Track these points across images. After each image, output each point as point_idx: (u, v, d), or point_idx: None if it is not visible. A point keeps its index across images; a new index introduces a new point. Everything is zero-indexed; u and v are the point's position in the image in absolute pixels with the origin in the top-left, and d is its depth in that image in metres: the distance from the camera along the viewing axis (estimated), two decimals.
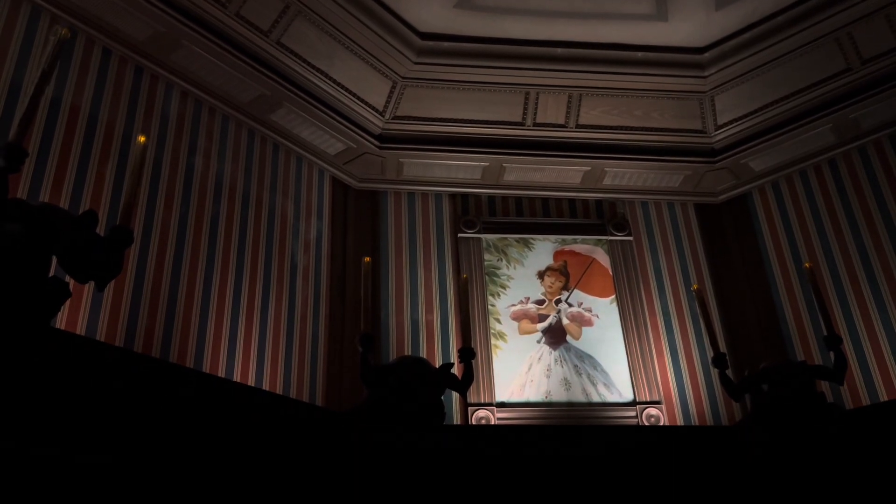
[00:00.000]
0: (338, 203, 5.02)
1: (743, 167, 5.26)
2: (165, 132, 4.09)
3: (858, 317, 4.69)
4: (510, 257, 5.07)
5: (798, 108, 4.94)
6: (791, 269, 5.06)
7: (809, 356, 4.76)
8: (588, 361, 4.79)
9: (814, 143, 5.03)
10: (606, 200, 5.40)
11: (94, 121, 3.74)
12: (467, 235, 5.06)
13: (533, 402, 4.58)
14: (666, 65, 4.97)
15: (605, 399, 4.67)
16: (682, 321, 5.08)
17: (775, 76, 4.90)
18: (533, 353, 4.78)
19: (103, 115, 3.80)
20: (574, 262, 5.12)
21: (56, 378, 2.77)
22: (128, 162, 3.75)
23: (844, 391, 4.55)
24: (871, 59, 4.65)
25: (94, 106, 3.78)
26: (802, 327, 4.89)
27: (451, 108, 4.99)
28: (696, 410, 4.78)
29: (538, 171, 5.21)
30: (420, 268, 4.98)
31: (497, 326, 4.83)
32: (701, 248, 5.37)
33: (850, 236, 4.87)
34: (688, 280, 5.21)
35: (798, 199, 5.15)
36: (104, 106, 3.83)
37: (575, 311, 4.95)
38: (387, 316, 4.77)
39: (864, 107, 4.75)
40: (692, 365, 4.94)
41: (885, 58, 4.60)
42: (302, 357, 4.35)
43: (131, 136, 3.86)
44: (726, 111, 5.12)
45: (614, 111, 5.12)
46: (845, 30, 4.60)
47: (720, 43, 4.87)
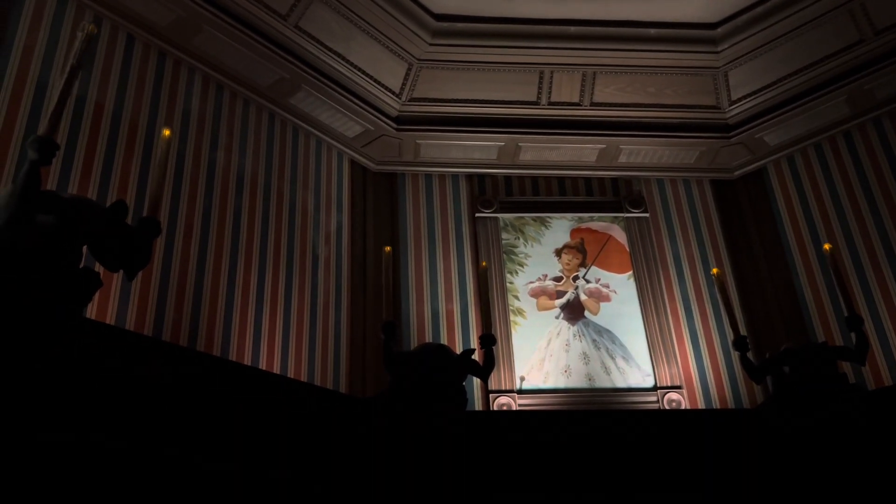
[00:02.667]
0: (357, 186, 5.10)
1: (758, 142, 5.28)
2: (188, 122, 4.17)
3: (879, 296, 4.68)
4: (527, 236, 5.14)
5: (812, 80, 4.95)
6: (810, 248, 5.04)
7: (830, 337, 4.74)
8: (606, 336, 4.85)
9: (828, 115, 5.03)
10: (622, 178, 5.44)
11: (118, 112, 3.84)
12: (485, 215, 5.13)
13: (554, 388, 4.62)
14: (679, 41, 5.00)
15: (624, 372, 4.73)
16: (702, 303, 5.10)
17: (788, 49, 4.91)
18: (552, 328, 4.84)
19: (128, 105, 3.90)
20: (591, 239, 5.18)
21: (88, 366, 2.87)
22: (153, 155, 3.87)
23: (867, 372, 4.53)
24: (884, 30, 4.66)
25: (119, 95, 3.88)
26: (823, 308, 4.87)
27: (467, 89, 5.06)
28: (717, 394, 4.80)
29: (554, 150, 5.27)
30: (439, 252, 5.03)
31: (516, 303, 4.90)
32: (718, 226, 5.38)
33: (868, 209, 4.86)
34: (705, 259, 5.23)
35: (813, 173, 5.16)
36: (129, 96, 3.93)
37: (592, 288, 5.01)
38: (407, 306, 4.83)
39: (878, 78, 4.76)
40: (712, 348, 4.96)
41: None
42: (325, 346, 4.43)
43: (155, 129, 3.95)
44: (740, 86, 5.15)
45: (628, 88, 5.16)
46: (857, 1, 4.61)
47: (733, 18, 4.90)
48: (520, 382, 4.63)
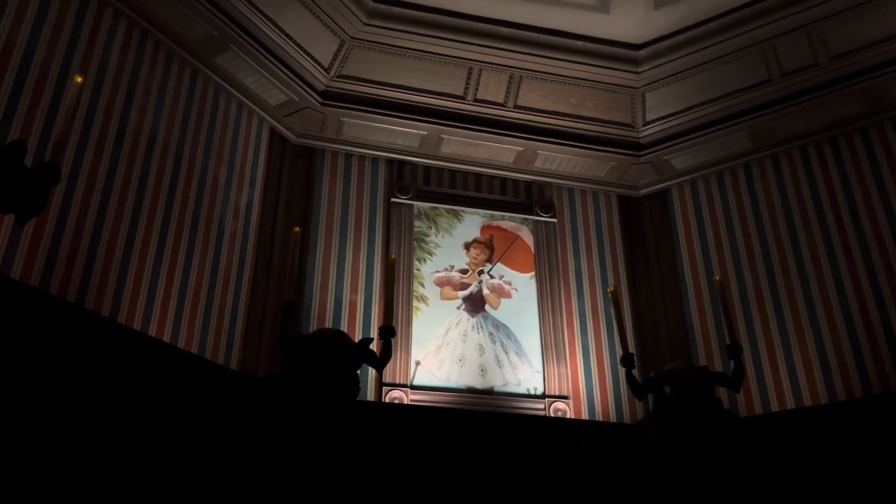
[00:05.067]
0: (274, 157, 5.03)
1: (665, 164, 5.55)
2: (105, 74, 3.97)
3: (759, 328, 4.96)
4: (440, 226, 5.23)
5: (721, 112, 5.25)
6: (701, 273, 5.31)
7: (711, 363, 4.99)
8: (503, 331, 4.99)
9: (732, 146, 5.34)
10: (536, 182, 5.60)
11: (30, 53, 3.60)
12: (400, 201, 5.19)
13: (447, 386, 4.70)
14: (604, 57, 5.21)
15: (516, 367, 4.88)
16: (596, 316, 5.28)
17: (703, 79, 5.20)
18: (452, 318, 4.94)
19: (42, 47, 3.66)
20: (500, 237, 5.32)
21: None
22: (62, 102, 3.64)
23: (740, 399, 4.79)
24: (790, 73, 4.99)
25: (34, 36, 3.63)
26: (707, 334, 5.13)
27: (396, 74, 5.10)
28: (601, 407, 4.98)
29: (474, 147, 5.38)
30: (350, 237, 5.02)
31: (420, 290, 4.97)
32: (620, 241, 5.61)
33: (758, 242, 5.16)
34: (605, 273, 5.44)
35: (712, 200, 5.46)
36: (44, 37, 3.67)
37: (496, 283, 5.14)
38: (311, 290, 4.80)
39: (780, 116, 5.09)
40: (601, 361, 5.13)
41: (802, 73, 4.95)
42: (221, 320, 4.35)
43: (68, 76, 3.73)
44: (655, 108, 5.41)
45: (551, 96, 5.33)
46: (769, 42, 4.94)
47: (655, 42, 5.15)
48: (415, 367, 4.70)
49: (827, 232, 4.93)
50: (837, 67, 4.86)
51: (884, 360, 4.45)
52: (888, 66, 4.73)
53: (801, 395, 4.65)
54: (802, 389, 4.66)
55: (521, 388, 4.83)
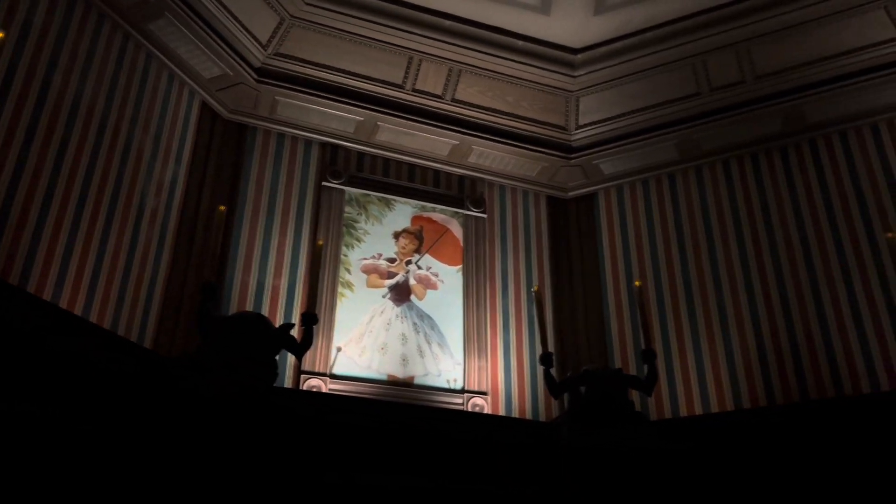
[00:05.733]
0: (203, 132, 4.88)
1: (594, 168, 5.67)
2: (28, 33, 3.77)
3: (673, 335, 5.10)
4: (370, 213, 5.20)
5: (650, 121, 5.40)
6: (622, 278, 5.44)
7: (626, 366, 5.11)
8: (427, 321, 5.00)
9: (658, 156, 5.50)
10: (469, 177, 5.64)
11: None
12: (331, 185, 5.13)
13: (366, 377, 4.67)
14: (542, 58, 5.29)
15: (437, 357, 4.90)
16: (519, 314, 5.34)
17: (635, 88, 5.34)
18: (377, 306, 4.92)
19: None
20: (429, 228, 5.33)
21: None
22: None
23: (651, 402, 4.92)
24: (718, 88, 5.18)
25: None
26: (624, 337, 5.25)
27: (336, 57, 5.05)
28: (518, 404, 5.04)
29: (410, 136, 5.37)
30: (277, 219, 4.93)
31: (346, 276, 4.93)
32: (547, 241, 5.69)
33: (677, 253, 5.31)
34: (530, 272, 5.51)
35: (637, 206, 5.60)
36: None
37: (423, 274, 5.15)
38: (233, 271, 4.69)
39: (706, 129, 5.28)
40: (521, 359, 5.20)
41: (729, 89, 5.15)
42: (136, 296, 4.20)
43: None
44: (588, 112, 5.52)
45: (489, 93, 5.38)
46: (701, 57, 5.12)
47: (593, 48, 5.26)
48: (336, 353, 4.66)
49: (743, 245, 5.11)
50: (762, 86, 5.07)
51: (787, 373, 4.65)
52: (808, 88, 4.97)
53: (709, 402, 4.81)
54: (710, 396, 4.82)
55: (442, 378, 4.85)
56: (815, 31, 4.86)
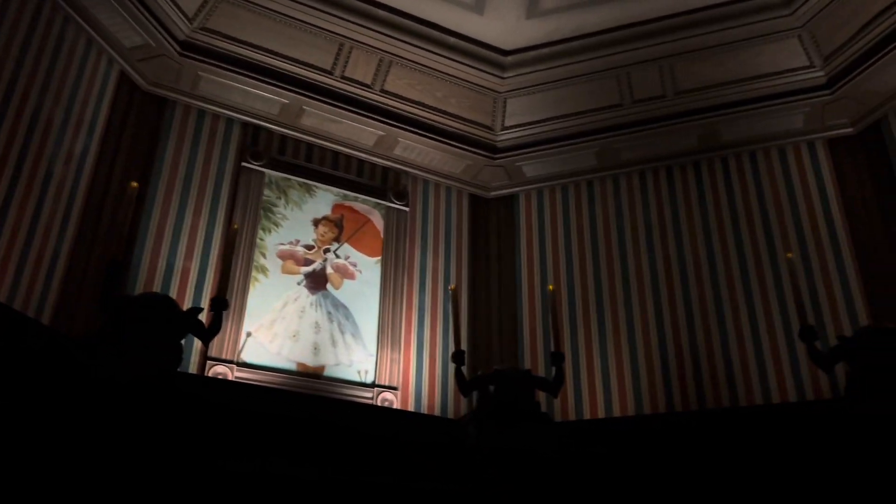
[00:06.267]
0: (119, 103, 4.66)
1: (517, 169, 5.75)
2: None
3: (582, 340, 5.21)
4: (290, 198, 5.11)
5: (573, 128, 5.52)
6: (536, 280, 5.52)
7: (536, 366, 5.19)
8: (342, 311, 4.96)
9: (579, 162, 5.62)
10: (393, 169, 5.62)
11: None
12: (251, 167, 5.02)
13: (275, 366, 4.59)
14: (473, 57, 5.33)
15: (350, 348, 4.87)
16: (435, 310, 5.37)
17: (561, 94, 5.45)
18: (291, 293, 4.85)
19: None
20: (350, 217, 5.28)
21: None
22: None
23: (557, 403, 5.01)
24: (640, 101, 5.34)
25: None
26: (535, 339, 5.34)
27: (264, 37, 4.94)
28: (427, 400, 5.06)
29: (336, 124, 5.31)
30: (192, 197, 4.79)
31: (261, 261, 4.84)
32: (466, 239, 5.73)
33: (591, 260, 5.43)
34: (448, 268, 5.54)
35: (556, 210, 5.70)
36: None
37: (340, 263, 5.11)
38: (142, 250, 4.52)
39: (625, 140, 5.43)
40: (434, 355, 5.22)
41: (651, 102, 5.32)
42: (36, 271, 3.98)
43: None
44: (515, 114, 5.60)
45: (418, 86, 5.38)
46: (626, 69, 5.26)
47: (523, 51, 5.34)
48: (245, 338, 4.57)
49: (653, 256, 5.28)
50: (681, 102, 5.26)
51: (687, 381, 4.84)
52: (724, 108, 5.19)
53: (612, 406, 4.95)
54: (613, 400, 4.96)
55: (353, 369, 4.82)
56: (734, 54, 5.07)
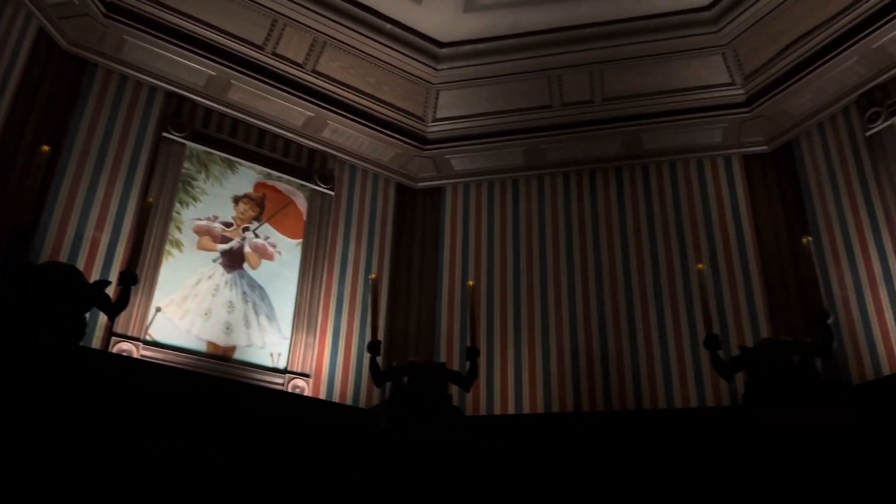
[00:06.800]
0: (36, 61, 4.43)
1: (445, 162, 5.77)
2: None
3: (497, 335, 5.26)
4: (211, 173, 4.99)
5: (502, 125, 5.58)
6: (458, 274, 5.53)
7: (451, 360, 5.20)
8: (258, 292, 4.88)
9: (506, 160, 5.68)
10: (320, 152, 5.54)
11: None
12: (172, 137, 4.87)
13: (182, 346, 4.47)
14: (408, 45, 5.32)
15: (264, 329, 4.80)
16: (353, 299, 5.32)
17: (493, 91, 5.50)
18: (206, 270, 4.74)
19: None
20: (273, 197, 5.19)
21: None
22: None
23: (469, 398, 5.03)
24: (568, 104, 5.44)
25: None
26: (452, 332, 5.35)
27: (196, 5, 4.81)
28: (340, 389, 5.01)
29: (264, 101, 5.21)
30: (108, 166, 4.60)
31: (176, 235, 4.71)
32: (391, 229, 5.71)
33: (512, 257, 5.48)
34: (371, 257, 5.50)
35: (481, 206, 5.74)
36: None
37: (259, 243, 5.02)
38: (49, 218, 4.32)
39: (552, 142, 5.52)
40: (349, 344, 5.17)
41: (579, 106, 5.43)
42: None
43: None
44: (446, 107, 5.61)
45: (352, 70, 5.33)
46: (557, 72, 5.34)
47: (458, 44, 5.36)
48: (154, 313, 4.44)
49: (572, 258, 5.38)
50: (608, 108, 5.38)
51: (595, 382, 4.95)
52: (647, 117, 5.34)
53: (522, 403, 5.02)
54: (524, 397, 5.03)
55: (266, 351, 4.75)
56: (661, 65, 5.23)
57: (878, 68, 4.65)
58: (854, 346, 4.49)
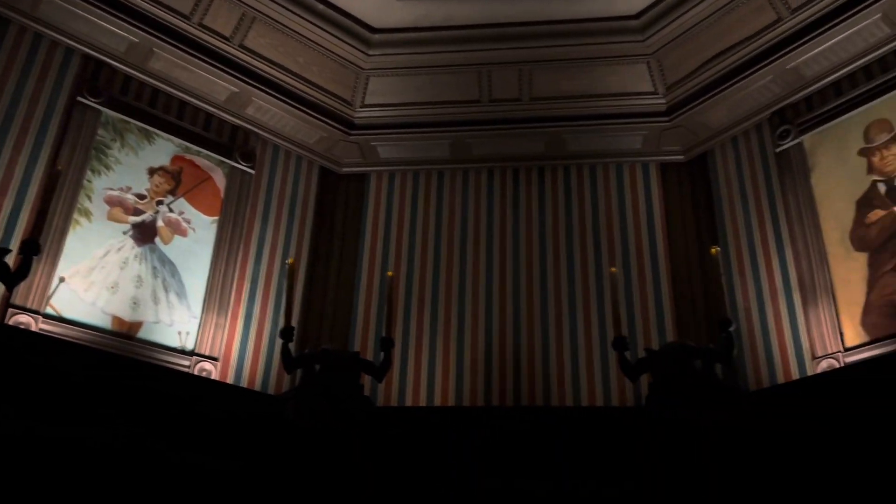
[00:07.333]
0: None
1: (371, 149, 5.73)
2: None
3: (414, 327, 5.24)
4: (126, 142, 4.81)
5: (430, 116, 5.59)
6: (378, 263, 5.49)
7: (365, 350, 5.14)
8: (168, 268, 4.74)
9: (433, 151, 5.68)
10: (243, 129, 5.41)
11: None
12: (87, 102, 4.67)
13: (85, 322, 4.29)
14: (340, 28, 5.27)
15: (173, 307, 4.66)
16: (269, 283, 5.22)
17: (423, 81, 5.50)
18: (115, 241, 4.56)
19: None
20: (190, 171, 5.05)
21: None
22: None
23: (381, 388, 5.00)
24: (497, 100, 5.49)
25: None
26: (369, 322, 5.30)
27: None
28: (249, 374, 4.90)
29: (187, 72, 5.05)
30: (15, 129, 4.37)
31: (85, 203, 4.52)
32: (311, 213, 5.62)
33: (433, 249, 5.48)
34: (289, 240, 5.41)
35: (405, 196, 5.71)
36: None
37: (173, 218, 4.87)
38: None
39: (479, 137, 5.56)
40: (262, 329, 5.07)
41: (507, 103, 5.49)
42: None
43: None
44: (376, 94, 5.58)
45: (280, 48, 5.24)
46: (487, 67, 5.39)
47: (391, 31, 5.34)
48: (58, 282, 4.26)
49: (491, 253, 5.42)
50: (534, 108, 5.46)
51: (507, 378, 5.01)
52: (572, 119, 5.45)
53: (434, 395, 5.02)
54: (436, 390, 5.04)
55: (174, 329, 4.62)
56: (588, 69, 5.34)
57: (791, 88, 4.88)
58: (753, 354, 4.69)
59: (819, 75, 4.76)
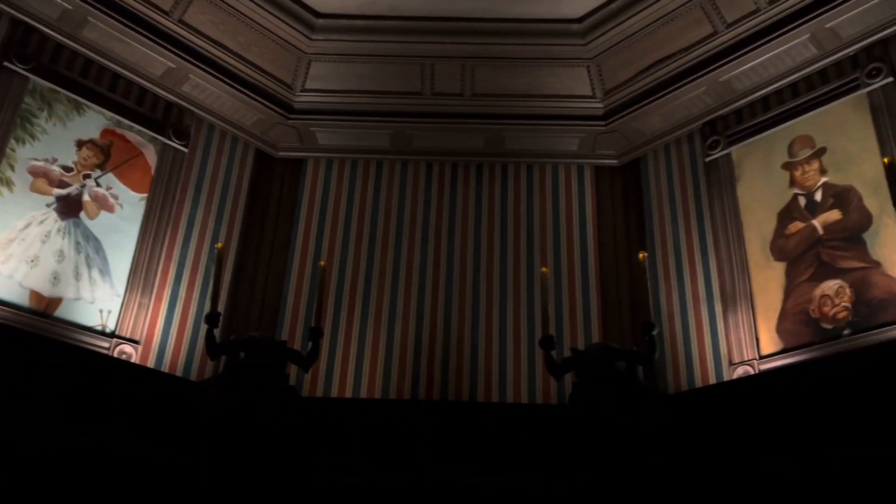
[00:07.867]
0: None
1: (310, 134, 5.66)
2: None
3: (344, 318, 5.21)
4: (54, 112, 4.63)
5: (372, 105, 5.56)
6: (310, 252, 5.42)
7: (293, 339, 5.10)
8: (93, 244, 4.59)
9: (373, 140, 5.66)
10: (178, 105, 5.26)
11: None
12: (14, 69, 4.47)
13: (2, 299, 4.12)
14: (284, 10, 5.20)
15: (95, 284, 4.52)
16: (196, 267, 5.11)
17: (366, 69, 5.47)
18: (38, 213, 4.39)
19: None
20: (120, 146, 4.90)
21: None
22: None
23: (307, 378, 4.96)
24: (439, 94, 5.51)
25: None
26: (298, 311, 5.25)
27: None
28: (171, 358, 4.79)
29: (123, 44, 4.89)
30: None
31: (7, 173, 4.34)
32: (245, 196, 5.52)
33: (367, 240, 5.45)
34: (220, 223, 5.31)
35: (342, 184, 5.66)
36: None
37: (100, 193, 4.72)
38: None
39: (419, 129, 5.57)
40: (186, 314, 4.96)
41: (449, 97, 5.52)
42: None
43: None
44: (316, 79, 5.52)
45: (221, 25, 5.12)
46: (431, 60, 5.40)
47: (335, 17, 5.29)
48: None
49: (426, 246, 5.44)
50: (475, 104, 5.51)
51: (434, 372, 5.04)
52: (511, 118, 5.51)
53: (360, 387, 5.00)
54: (363, 383, 5.02)
55: (95, 307, 4.48)
56: (530, 70, 5.41)
57: (722, 100, 5.06)
58: (673, 358, 4.84)
59: (749, 89, 4.94)
